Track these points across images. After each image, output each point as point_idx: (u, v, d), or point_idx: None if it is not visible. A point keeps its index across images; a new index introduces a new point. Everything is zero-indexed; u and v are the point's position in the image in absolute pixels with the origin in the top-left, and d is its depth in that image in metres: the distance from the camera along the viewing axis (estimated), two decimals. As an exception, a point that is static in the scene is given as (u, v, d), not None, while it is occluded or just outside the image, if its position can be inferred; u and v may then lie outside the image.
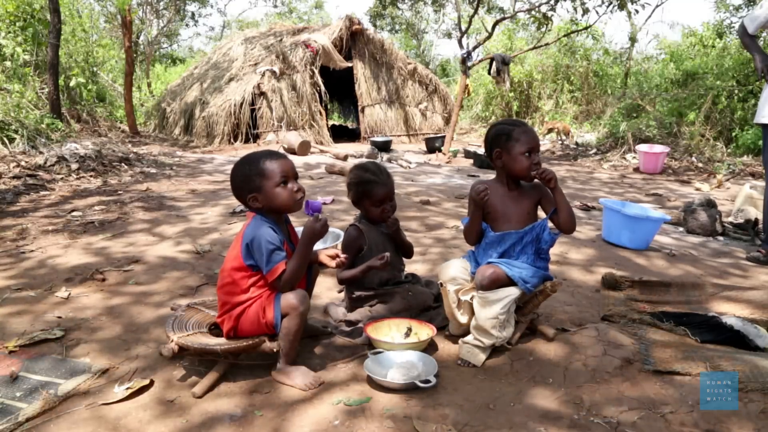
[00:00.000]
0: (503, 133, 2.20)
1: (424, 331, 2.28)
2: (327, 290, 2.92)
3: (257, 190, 1.97)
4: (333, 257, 2.21)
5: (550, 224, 2.24)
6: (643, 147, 8.81)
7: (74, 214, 4.47)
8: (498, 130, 2.24)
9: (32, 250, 3.46)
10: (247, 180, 1.98)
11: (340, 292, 2.94)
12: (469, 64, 10.34)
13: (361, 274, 2.40)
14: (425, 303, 2.50)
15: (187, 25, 23.94)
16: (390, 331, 2.32)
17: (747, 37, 3.83)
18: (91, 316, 2.51)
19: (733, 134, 9.96)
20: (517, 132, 2.17)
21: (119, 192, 5.52)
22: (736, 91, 10.43)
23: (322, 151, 9.77)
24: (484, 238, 2.25)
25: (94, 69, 13.06)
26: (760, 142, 8.96)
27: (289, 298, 1.92)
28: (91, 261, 3.27)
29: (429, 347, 2.24)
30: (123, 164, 6.98)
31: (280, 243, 1.97)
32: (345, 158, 8.97)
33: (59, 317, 2.47)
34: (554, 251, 3.32)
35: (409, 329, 2.31)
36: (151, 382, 1.95)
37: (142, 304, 2.67)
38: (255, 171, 1.97)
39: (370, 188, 2.43)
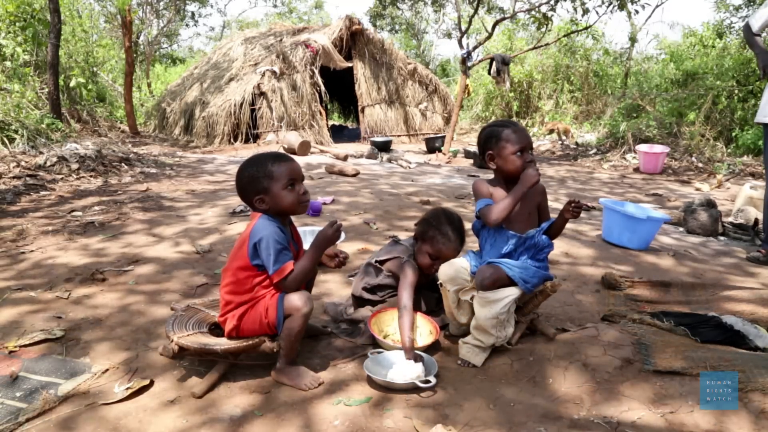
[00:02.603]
0: (493, 136, 2.20)
1: (426, 327, 2.30)
2: (328, 290, 2.92)
3: (264, 191, 1.97)
4: (332, 257, 2.21)
5: None
6: (643, 147, 8.81)
7: (74, 214, 4.47)
8: (488, 133, 2.23)
9: (32, 251, 3.46)
10: (254, 181, 1.98)
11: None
12: (469, 64, 10.34)
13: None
14: (427, 306, 2.51)
15: (187, 25, 23.96)
16: (393, 322, 2.33)
17: (751, 35, 3.85)
18: (91, 316, 2.50)
19: (733, 134, 9.96)
20: (506, 133, 2.17)
21: (119, 192, 5.52)
22: (736, 91, 10.43)
23: (322, 151, 9.78)
24: (496, 233, 2.23)
25: (94, 69, 13.07)
26: (760, 142, 9.00)
27: (293, 299, 1.91)
28: (91, 261, 3.27)
29: (429, 347, 2.24)
30: (123, 164, 6.98)
31: (287, 243, 1.97)
32: (345, 158, 8.97)
33: (59, 317, 2.47)
34: (555, 251, 3.32)
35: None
36: (151, 382, 1.95)
37: (142, 304, 2.67)
38: (262, 172, 1.96)
39: (438, 240, 2.37)
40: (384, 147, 10.03)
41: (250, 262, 1.94)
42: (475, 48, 10.94)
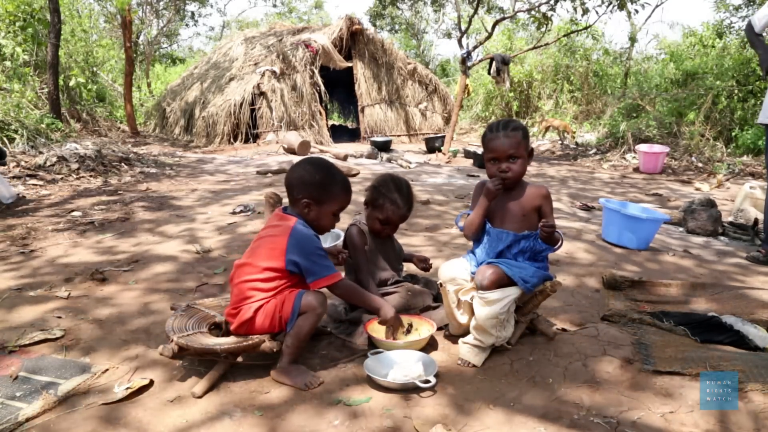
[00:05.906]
0: (483, 135, 2.22)
1: (425, 328, 2.29)
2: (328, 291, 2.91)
3: (318, 202, 2.01)
4: (335, 254, 2.22)
5: None
6: (642, 147, 8.82)
7: (74, 214, 4.48)
8: (483, 132, 2.25)
9: (32, 251, 3.46)
10: (317, 187, 2.01)
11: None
12: (469, 64, 10.34)
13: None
14: (424, 302, 2.51)
15: (186, 25, 23.98)
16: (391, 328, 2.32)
17: (753, 35, 3.85)
18: (91, 316, 2.50)
19: (733, 134, 9.96)
20: (488, 137, 2.17)
21: (120, 192, 5.52)
22: (736, 91, 10.43)
23: (322, 151, 9.78)
24: (486, 234, 2.23)
25: (94, 69, 13.08)
26: (760, 142, 9.01)
27: (310, 298, 1.95)
28: (91, 261, 3.27)
29: (429, 347, 2.24)
30: (123, 164, 6.98)
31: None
32: (345, 158, 8.97)
33: (59, 317, 2.47)
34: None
35: (410, 325, 2.32)
36: (151, 382, 1.95)
37: (143, 304, 2.67)
38: (329, 187, 2.02)
39: (387, 207, 2.44)
40: (384, 147, 10.03)
41: (285, 266, 1.96)
42: (475, 48, 10.94)
